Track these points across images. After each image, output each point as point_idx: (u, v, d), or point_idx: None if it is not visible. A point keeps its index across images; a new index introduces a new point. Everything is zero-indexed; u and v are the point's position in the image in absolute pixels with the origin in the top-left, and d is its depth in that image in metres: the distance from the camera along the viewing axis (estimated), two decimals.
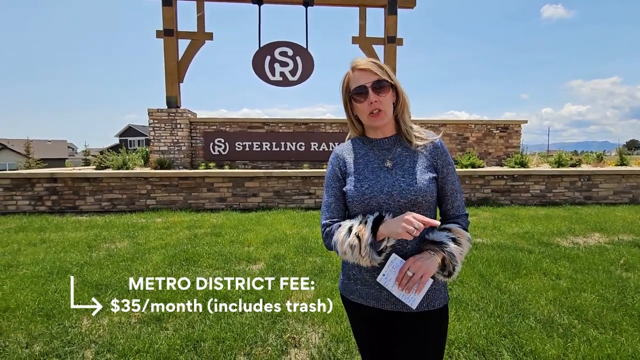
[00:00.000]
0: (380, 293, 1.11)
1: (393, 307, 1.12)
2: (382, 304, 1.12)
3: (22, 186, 6.58)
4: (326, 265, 3.59)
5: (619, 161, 9.14)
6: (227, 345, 2.21)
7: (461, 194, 1.17)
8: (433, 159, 1.12)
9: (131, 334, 2.33)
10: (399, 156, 1.13)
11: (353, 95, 1.11)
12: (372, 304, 1.14)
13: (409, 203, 1.06)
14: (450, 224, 1.12)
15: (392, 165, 1.11)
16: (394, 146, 1.14)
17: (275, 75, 8.83)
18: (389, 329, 1.15)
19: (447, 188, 1.13)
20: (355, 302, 1.17)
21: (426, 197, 1.07)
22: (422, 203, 1.07)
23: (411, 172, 1.09)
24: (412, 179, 1.07)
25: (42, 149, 39.36)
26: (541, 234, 4.81)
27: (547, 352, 2.11)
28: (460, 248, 1.06)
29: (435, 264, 1.03)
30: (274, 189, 7.05)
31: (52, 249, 4.18)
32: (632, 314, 2.56)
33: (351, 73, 1.12)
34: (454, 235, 1.08)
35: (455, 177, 1.14)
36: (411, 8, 9.28)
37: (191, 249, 4.10)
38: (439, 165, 1.12)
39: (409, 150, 1.13)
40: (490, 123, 9.60)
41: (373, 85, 1.06)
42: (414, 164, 1.10)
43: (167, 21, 8.42)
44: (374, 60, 1.10)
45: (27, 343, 2.24)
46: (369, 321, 1.17)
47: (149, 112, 8.42)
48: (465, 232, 1.11)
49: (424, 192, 1.06)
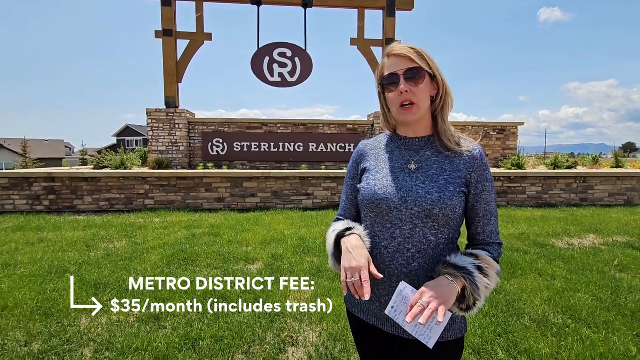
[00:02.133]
0: (380, 311, 0.99)
1: (393, 330, 0.98)
2: (383, 323, 1.00)
3: (19, 185, 6.57)
4: (324, 265, 3.62)
5: (615, 163, 9.22)
6: (225, 343, 2.23)
7: (496, 218, 0.99)
8: (467, 170, 0.95)
9: (130, 333, 2.34)
10: (426, 160, 0.98)
11: (384, 84, 0.97)
12: (372, 322, 1.02)
13: (423, 213, 0.91)
14: (478, 250, 0.95)
15: (415, 168, 0.97)
16: (424, 148, 0.99)
17: (274, 76, 8.86)
18: (390, 351, 1.03)
19: (479, 208, 0.96)
20: (357, 316, 1.07)
21: (445, 212, 0.91)
22: (438, 217, 0.91)
23: (434, 180, 0.94)
24: (433, 187, 0.93)
25: (39, 148, 39.20)
26: (537, 235, 4.85)
27: (541, 350, 2.14)
28: (487, 280, 0.88)
29: (454, 292, 0.85)
30: (272, 189, 7.07)
31: (50, 249, 4.18)
32: (625, 314, 2.59)
33: (386, 60, 0.98)
34: (481, 264, 0.90)
35: (491, 197, 0.97)
36: (409, 10, 9.33)
37: (189, 249, 4.12)
38: (472, 179, 0.95)
39: (440, 155, 0.98)
40: (487, 125, 9.66)
41: (406, 73, 0.92)
42: (441, 171, 0.95)
43: (166, 21, 8.43)
44: (412, 46, 0.95)
45: (25, 341, 2.25)
46: (371, 338, 1.06)
47: (147, 112, 8.42)
48: (495, 264, 0.93)
49: (443, 204, 0.91)
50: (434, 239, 0.93)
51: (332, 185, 7.15)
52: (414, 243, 0.93)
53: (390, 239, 0.95)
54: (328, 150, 9.19)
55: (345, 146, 9.25)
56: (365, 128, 9.45)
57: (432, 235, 0.93)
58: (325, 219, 5.81)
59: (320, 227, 5.27)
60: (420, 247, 0.93)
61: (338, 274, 3.32)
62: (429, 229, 0.93)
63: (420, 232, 0.93)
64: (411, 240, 0.93)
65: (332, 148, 9.20)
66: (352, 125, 9.42)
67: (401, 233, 0.94)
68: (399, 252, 0.94)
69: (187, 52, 8.66)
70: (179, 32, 8.64)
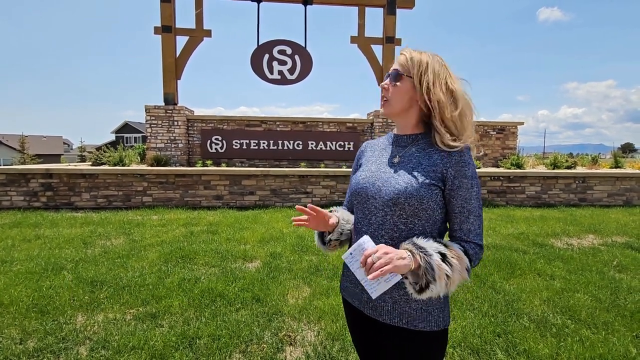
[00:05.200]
0: (362, 294, 1.05)
1: (371, 313, 1.04)
2: (363, 306, 1.07)
3: (16, 181, 6.52)
4: (322, 263, 3.60)
5: (614, 164, 9.23)
6: (222, 342, 2.21)
7: (478, 218, 0.99)
8: (444, 165, 0.97)
9: (126, 331, 2.32)
10: (409, 155, 1.04)
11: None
12: (355, 304, 1.10)
13: (390, 202, 0.97)
14: (452, 243, 0.97)
15: (397, 162, 1.05)
16: (411, 145, 1.07)
17: (273, 74, 8.82)
18: (373, 333, 1.09)
19: (454, 204, 0.98)
20: (346, 300, 1.16)
21: (410, 201, 0.95)
22: (404, 206, 0.96)
23: (409, 172, 0.99)
24: (403, 178, 0.98)
25: (37, 144, 39.04)
26: (536, 235, 4.84)
27: (541, 351, 2.13)
28: (447, 268, 0.88)
29: (407, 266, 0.87)
30: (271, 187, 7.04)
31: (46, 245, 4.15)
32: (624, 315, 2.59)
33: None
34: (446, 252, 0.91)
35: (470, 195, 0.97)
36: (410, 8, 9.30)
37: (187, 247, 4.09)
38: (449, 175, 0.97)
39: (422, 152, 1.03)
40: (487, 124, 9.64)
41: (390, 73, 1.05)
42: (417, 165, 1.00)
43: (166, 18, 8.38)
44: (410, 53, 1.03)
45: (21, 339, 2.22)
46: (355, 320, 1.14)
47: (146, 109, 8.38)
48: (464, 257, 0.93)
49: (408, 194, 0.95)
50: (404, 228, 0.98)
51: (331, 183, 7.13)
52: (386, 230, 0.99)
53: (367, 225, 1.03)
54: (327, 149, 9.17)
55: (344, 144, 9.23)
56: (365, 127, 9.42)
57: (402, 224, 0.98)
58: None
59: None
60: (392, 234, 0.99)
61: (336, 273, 3.30)
62: (397, 217, 0.98)
63: (391, 219, 0.99)
64: (383, 227, 1.00)
65: (332, 146, 9.18)
66: (351, 123, 9.39)
67: (375, 220, 1.02)
68: (374, 237, 0.99)
69: (186, 49, 8.61)
70: (178, 29, 8.59)
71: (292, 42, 8.82)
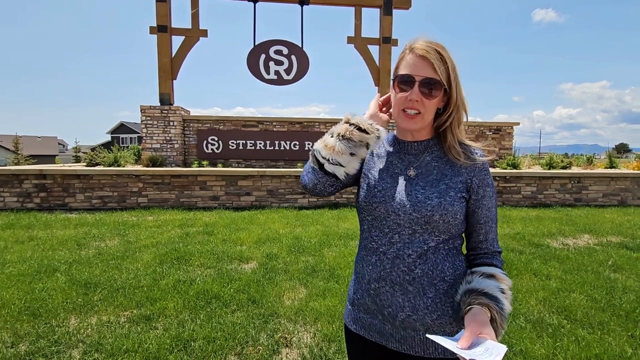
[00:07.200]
0: (384, 325, 0.94)
1: (398, 347, 0.92)
2: (387, 340, 0.93)
3: (9, 182, 6.45)
4: (319, 264, 3.58)
5: (609, 164, 9.29)
6: (217, 344, 2.19)
7: (497, 224, 0.95)
8: (468, 174, 0.91)
9: (120, 334, 2.29)
10: (426, 165, 0.94)
11: (397, 82, 0.90)
12: (375, 339, 0.96)
13: (422, 219, 0.88)
14: (493, 269, 0.89)
15: (415, 174, 0.94)
16: (423, 153, 0.96)
17: (270, 74, 8.79)
18: None
19: (480, 214, 0.92)
20: (357, 333, 0.99)
21: (445, 218, 0.87)
22: (439, 223, 0.88)
23: (434, 185, 0.91)
24: (433, 192, 0.89)
25: (31, 145, 38.69)
26: (532, 235, 4.86)
27: (537, 351, 2.13)
28: (508, 305, 0.83)
29: (490, 327, 0.77)
30: (267, 188, 7.02)
31: (40, 247, 4.10)
32: (619, 314, 2.59)
33: (407, 55, 0.90)
34: (503, 286, 0.84)
35: (492, 203, 0.93)
36: (406, 9, 9.31)
37: (183, 248, 4.06)
38: (474, 184, 0.91)
39: (439, 160, 0.94)
40: (482, 125, 9.68)
41: (422, 82, 0.86)
42: (442, 176, 0.92)
43: (161, 17, 8.32)
44: (437, 47, 0.86)
45: (12, 342, 2.19)
46: (370, 358, 0.99)
47: (141, 109, 8.32)
48: (508, 281, 0.88)
49: (443, 210, 0.87)
50: (434, 244, 0.90)
51: None
52: (414, 248, 0.89)
53: (388, 244, 0.91)
54: None
55: None
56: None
57: (432, 241, 0.89)
58: (321, 218, 5.78)
59: (315, 226, 5.23)
60: (421, 252, 0.89)
61: (333, 274, 3.29)
62: (428, 235, 0.89)
63: (420, 237, 0.89)
64: (411, 246, 0.89)
65: None
66: None
67: (400, 238, 0.90)
68: (399, 257, 0.89)
69: (182, 49, 8.56)
70: (173, 28, 8.53)
71: (288, 42, 8.79)
